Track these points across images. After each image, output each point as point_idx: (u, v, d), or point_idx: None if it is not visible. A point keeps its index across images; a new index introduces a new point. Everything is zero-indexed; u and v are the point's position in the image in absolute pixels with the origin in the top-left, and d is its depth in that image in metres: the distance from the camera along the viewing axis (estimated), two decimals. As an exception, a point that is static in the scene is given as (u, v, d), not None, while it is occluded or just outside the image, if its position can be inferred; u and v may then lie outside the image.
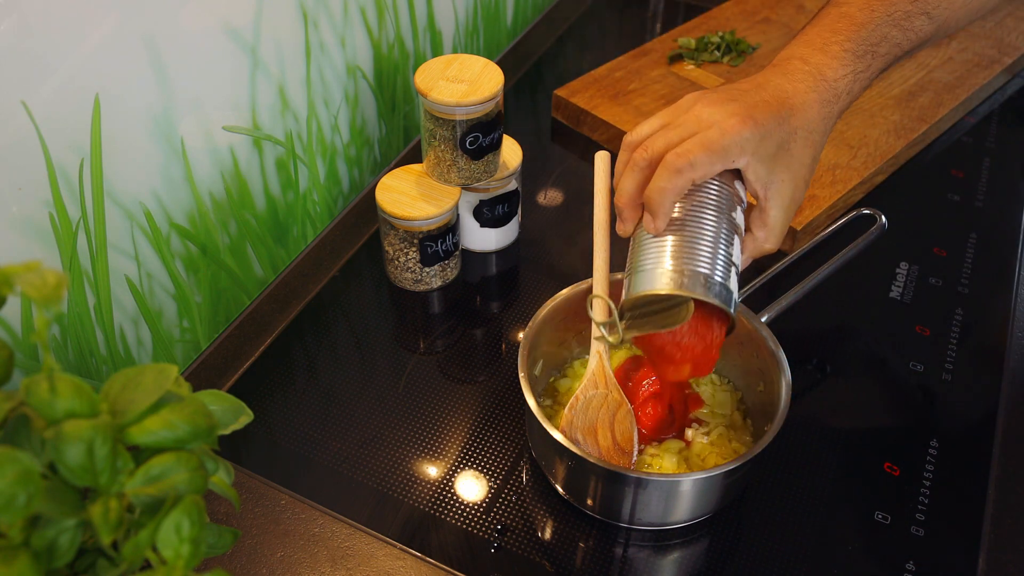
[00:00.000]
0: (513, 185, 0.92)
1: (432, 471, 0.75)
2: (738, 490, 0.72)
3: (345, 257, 0.95)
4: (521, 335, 0.79)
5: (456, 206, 0.87)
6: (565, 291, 0.76)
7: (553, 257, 0.96)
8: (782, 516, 0.72)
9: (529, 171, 1.04)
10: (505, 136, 0.90)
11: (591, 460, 0.65)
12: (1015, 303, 0.89)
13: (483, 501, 0.73)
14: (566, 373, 0.80)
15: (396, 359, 0.86)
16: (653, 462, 0.72)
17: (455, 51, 1.20)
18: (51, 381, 0.41)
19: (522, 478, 0.75)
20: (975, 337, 0.86)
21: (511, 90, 1.20)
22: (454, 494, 0.73)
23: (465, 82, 0.82)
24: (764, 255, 0.68)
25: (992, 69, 1.16)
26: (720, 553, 0.70)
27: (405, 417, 0.79)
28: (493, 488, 0.74)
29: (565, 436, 0.66)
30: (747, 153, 0.62)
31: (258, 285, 0.95)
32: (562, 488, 0.72)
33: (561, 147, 1.12)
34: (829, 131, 0.66)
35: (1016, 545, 0.70)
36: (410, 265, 0.89)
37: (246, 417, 0.51)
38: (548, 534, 0.71)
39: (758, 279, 0.81)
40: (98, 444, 0.41)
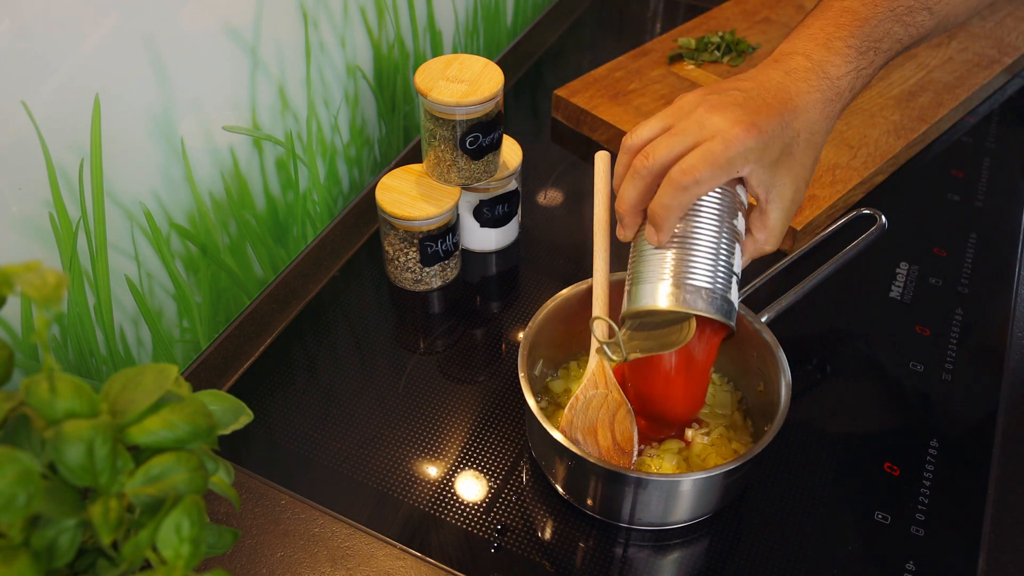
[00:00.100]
0: (513, 185, 0.92)
1: (432, 471, 0.75)
2: (738, 490, 0.72)
3: (345, 257, 0.95)
4: (521, 335, 0.79)
5: (456, 206, 0.87)
6: (565, 291, 0.76)
7: (553, 257, 0.96)
8: (782, 516, 0.72)
9: (529, 171, 1.04)
10: (505, 136, 0.90)
11: (591, 460, 0.65)
12: (1015, 303, 0.89)
13: (483, 501, 0.73)
14: (567, 372, 0.80)
15: (396, 359, 0.86)
16: (653, 462, 0.72)
17: (455, 51, 1.20)
18: (51, 381, 0.41)
19: (522, 478, 0.75)
20: (975, 337, 0.86)
21: (511, 90, 1.20)
22: (454, 494, 0.73)
23: (465, 82, 0.82)
24: (763, 255, 0.68)
25: (992, 69, 1.16)
26: (720, 553, 0.70)
27: (405, 417, 0.79)
28: (493, 488, 0.74)
29: (565, 436, 0.66)
30: (751, 162, 0.61)
31: (258, 285, 0.95)
32: (562, 488, 0.72)
33: (561, 147, 1.12)
34: (830, 130, 0.66)
35: (1016, 545, 0.69)
36: (410, 265, 0.89)
37: (246, 417, 0.51)
38: (548, 534, 0.71)
39: (758, 279, 0.81)
40: (98, 444, 0.41)
